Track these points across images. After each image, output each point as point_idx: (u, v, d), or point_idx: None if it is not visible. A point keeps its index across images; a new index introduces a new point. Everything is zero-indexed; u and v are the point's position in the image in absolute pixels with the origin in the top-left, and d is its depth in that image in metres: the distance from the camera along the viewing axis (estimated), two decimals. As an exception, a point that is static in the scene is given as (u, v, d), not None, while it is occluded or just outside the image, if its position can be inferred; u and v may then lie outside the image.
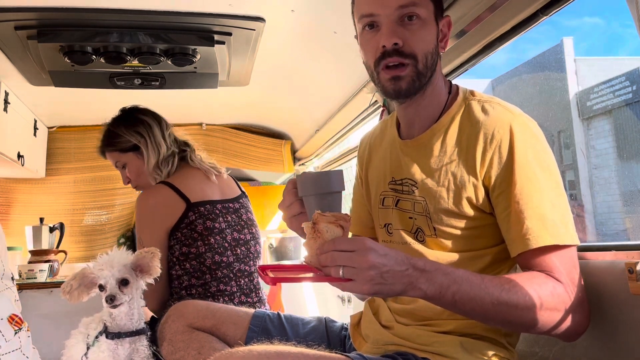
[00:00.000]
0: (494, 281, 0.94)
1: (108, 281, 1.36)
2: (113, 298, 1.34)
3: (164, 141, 1.85)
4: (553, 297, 0.94)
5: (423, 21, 1.07)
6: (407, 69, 1.07)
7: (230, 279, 1.76)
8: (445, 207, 1.08)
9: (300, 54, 2.02)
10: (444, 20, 1.14)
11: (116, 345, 1.39)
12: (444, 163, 1.09)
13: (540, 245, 0.97)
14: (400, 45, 1.05)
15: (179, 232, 1.73)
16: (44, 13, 1.57)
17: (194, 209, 1.74)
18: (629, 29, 25.76)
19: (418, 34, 1.06)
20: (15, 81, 2.13)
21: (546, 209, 0.99)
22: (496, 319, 0.95)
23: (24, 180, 2.92)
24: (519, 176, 1.00)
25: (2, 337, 1.02)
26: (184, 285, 1.74)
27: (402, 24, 1.06)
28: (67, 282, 1.38)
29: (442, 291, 0.91)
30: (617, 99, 9.69)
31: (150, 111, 1.92)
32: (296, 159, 3.31)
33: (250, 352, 0.94)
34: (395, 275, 0.87)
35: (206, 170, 1.85)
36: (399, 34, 1.05)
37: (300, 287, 2.99)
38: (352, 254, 0.86)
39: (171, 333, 1.33)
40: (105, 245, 3.00)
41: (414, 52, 1.06)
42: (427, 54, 1.08)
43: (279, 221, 3.33)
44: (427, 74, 1.09)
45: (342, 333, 1.35)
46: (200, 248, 1.73)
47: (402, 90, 1.09)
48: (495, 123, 1.04)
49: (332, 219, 0.91)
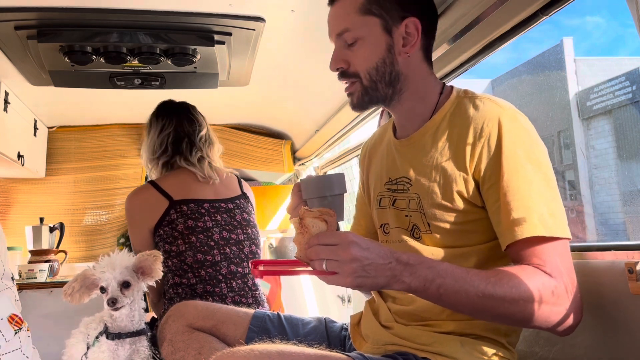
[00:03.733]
0: (480, 274, 0.94)
1: (110, 284, 1.36)
2: (115, 301, 1.35)
3: (158, 144, 1.90)
4: (542, 290, 0.93)
5: (363, 40, 1.13)
6: (354, 86, 1.16)
7: (218, 280, 1.75)
8: (438, 202, 1.08)
9: (300, 54, 2.02)
10: (404, 23, 1.12)
11: (116, 345, 1.39)
12: (435, 159, 1.10)
13: (527, 236, 0.97)
14: (345, 68, 1.16)
15: (161, 229, 1.77)
16: (44, 13, 1.56)
17: (176, 207, 1.77)
18: (629, 29, 25.76)
19: (359, 54, 1.14)
20: (15, 81, 2.13)
21: (534, 200, 0.99)
22: (485, 312, 0.95)
23: (24, 180, 2.92)
24: (506, 168, 1.01)
25: (2, 337, 1.02)
26: (170, 283, 1.76)
27: (347, 47, 1.15)
28: (68, 284, 1.38)
29: (426, 284, 0.91)
30: (617, 99, 9.69)
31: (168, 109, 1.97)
32: (296, 159, 3.31)
33: (252, 351, 0.94)
34: (378, 268, 0.89)
35: (200, 175, 1.85)
36: (343, 57, 1.16)
37: (300, 287, 3.00)
38: (334, 247, 0.88)
39: (171, 333, 1.34)
40: (105, 245, 3.00)
41: (356, 71, 1.15)
42: (369, 70, 1.14)
43: (279, 221, 3.34)
44: (378, 86, 1.15)
45: (342, 333, 1.35)
46: (181, 246, 1.74)
47: (355, 104, 1.19)
48: (484, 117, 1.05)
49: (317, 214, 0.93)
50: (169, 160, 1.88)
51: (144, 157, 1.96)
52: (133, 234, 1.81)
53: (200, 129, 1.94)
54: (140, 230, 1.79)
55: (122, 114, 2.90)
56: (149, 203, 1.79)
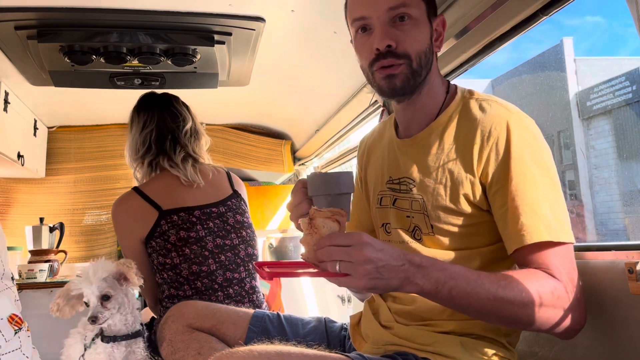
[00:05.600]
0: (490, 277, 0.94)
1: (90, 299, 1.35)
2: (95, 319, 1.32)
3: (140, 142, 1.81)
4: (550, 294, 0.94)
5: (415, 21, 1.08)
6: (401, 67, 1.08)
7: (214, 290, 1.69)
8: (443, 205, 1.08)
9: (300, 54, 2.02)
10: (438, 19, 1.14)
11: (112, 348, 1.39)
12: (441, 161, 1.10)
13: (535, 241, 0.97)
14: (393, 47, 1.06)
15: (153, 241, 1.69)
16: (44, 13, 1.56)
17: (166, 218, 1.69)
18: (629, 28, 25.75)
19: (411, 34, 1.07)
20: (15, 81, 2.13)
21: (541, 205, 0.99)
22: (493, 315, 0.95)
23: (24, 180, 2.92)
24: (514, 173, 1.00)
25: (2, 337, 1.02)
26: (165, 294, 1.71)
27: (394, 24, 1.07)
28: (53, 302, 1.38)
29: (438, 287, 0.91)
30: (617, 99, 9.69)
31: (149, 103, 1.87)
32: (296, 159, 3.31)
33: (251, 352, 0.94)
34: (392, 270, 0.87)
35: (184, 179, 1.75)
36: (392, 35, 1.06)
37: (300, 287, 3.00)
38: (348, 249, 0.86)
39: (171, 333, 1.33)
40: (105, 245, 3.00)
41: (407, 52, 1.07)
42: (420, 53, 1.08)
43: (279, 221, 3.33)
44: (422, 72, 1.10)
45: (342, 333, 1.35)
46: (175, 259, 1.68)
47: (397, 87, 1.09)
48: (492, 120, 1.05)
49: (328, 214, 0.91)
50: (153, 159, 1.79)
51: (128, 157, 1.86)
52: (124, 244, 1.75)
53: (184, 123, 1.83)
54: (131, 240, 1.72)
55: (122, 114, 2.87)
56: (137, 213, 1.71)
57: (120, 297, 1.39)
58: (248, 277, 1.77)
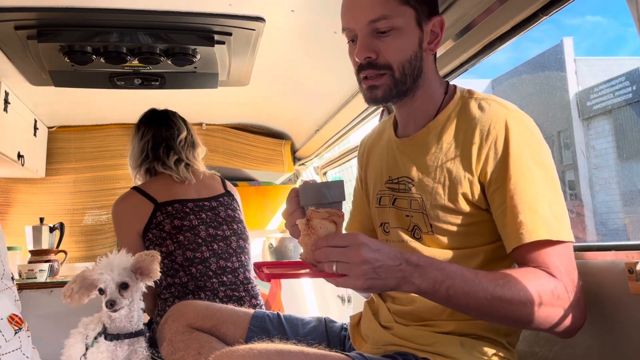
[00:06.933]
0: (488, 276, 0.94)
1: (108, 285, 1.36)
2: (113, 303, 1.35)
3: (139, 151, 1.97)
4: (550, 293, 0.94)
5: (398, 31, 1.08)
6: (383, 78, 1.10)
7: (209, 276, 1.79)
8: (441, 204, 1.08)
9: (300, 54, 2.02)
10: (433, 21, 1.13)
11: (115, 346, 1.39)
12: (440, 160, 1.10)
13: (534, 240, 0.97)
14: (374, 59, 1.09)
15: (150, 232, 1.81)
16: (44, 13, 1.56)
17: (161, 209, 1.82)
18: (629, 28, 25.75)
19: (392, 45, 1.08)
20: (15, 81, 2.13)
21: (540, 204, 0.99)
22: (491, 314, 0.95)
23: (24, 180, 2.92)
24: (513, 171, 1.00)
25: (2, 337, 1.02)
26: (163, 284, 1.79)
27: (377, 36, 1.08)
28: (67, 286, 1.38)
29: (435, 286, 0.91)
30: (617, 99, 9.68)
31: (148, 118, 2.03)
32: (296, 159, 3.31)
33: (251, 351, 0.94)
34: (389, 270, 0.88)
35: (176, 177, 1.90)
36: (373, 47, 1.08)
37: (300, 288, 3.00)
38: (345, 249, 0.87)
39: (171, 333, 1.33)
40: (105, 245, 3.00)
41: (388, 62, 1.09)
42: (404, 62, 1.09)
43: (279, 221, 3.33)
44: (407, 80, 1.11)
45: (342, 333, 1.35)
46: (170, 246, 1.79)
47: (379, 98, 1.12)
48: (491, 119, 1.05)
49: (325, 215, 0.92)
50: (149, 166, 1.95)
51: (129, 166, 2.04)
52: (122, 239, 1.86)
53: (178, 132, 1.99)
54: (129, 234, 1.83)
55: (122, 114, 2.90)
56: (135, 207, 1.84)
57: (134, 291, 1.41)
58: (241, 267, 1.87)
